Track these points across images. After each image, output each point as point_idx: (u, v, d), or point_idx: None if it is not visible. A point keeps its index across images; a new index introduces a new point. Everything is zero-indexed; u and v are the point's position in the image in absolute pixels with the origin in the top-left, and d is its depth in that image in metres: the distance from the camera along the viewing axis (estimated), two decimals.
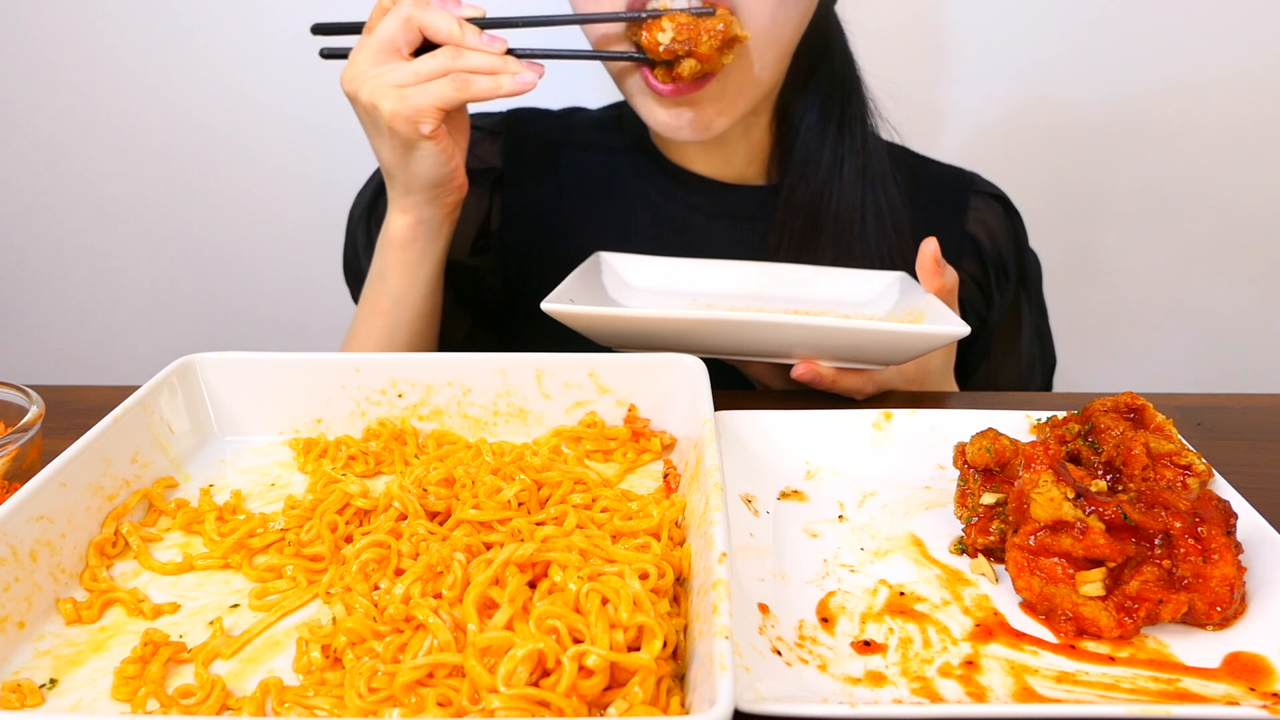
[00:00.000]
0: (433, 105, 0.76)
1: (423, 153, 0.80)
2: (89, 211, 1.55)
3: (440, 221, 0.87)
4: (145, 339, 1.64)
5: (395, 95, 0.76)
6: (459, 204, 0.87)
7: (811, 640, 0.49)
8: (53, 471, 0.54)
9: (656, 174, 1.02)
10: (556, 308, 0.70)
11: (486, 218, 1.04)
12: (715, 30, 0.78)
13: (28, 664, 0.48)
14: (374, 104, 0.77)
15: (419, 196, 0.84)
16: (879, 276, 0.89)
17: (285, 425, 0.70)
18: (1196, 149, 1.44)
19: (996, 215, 1.04)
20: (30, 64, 1.46)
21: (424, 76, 0.76)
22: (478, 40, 0.77)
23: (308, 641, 0.48)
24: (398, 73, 0.77)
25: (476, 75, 0.76)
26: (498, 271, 1.05)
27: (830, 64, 0.99)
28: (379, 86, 0.77)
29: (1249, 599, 0.51)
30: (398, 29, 0.77)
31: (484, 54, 0.76)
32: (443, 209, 0.86)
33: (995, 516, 0.56)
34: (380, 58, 0.78)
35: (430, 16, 0.77)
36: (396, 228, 0.86)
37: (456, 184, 0.85)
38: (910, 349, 0.70)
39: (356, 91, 0.78)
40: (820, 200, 0.96)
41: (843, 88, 0.99)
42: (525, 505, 0.57)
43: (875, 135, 1.01)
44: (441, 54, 0.76)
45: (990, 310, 1.01)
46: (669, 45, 0.79)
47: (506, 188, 1.04)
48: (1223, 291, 1.53)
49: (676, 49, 0.79)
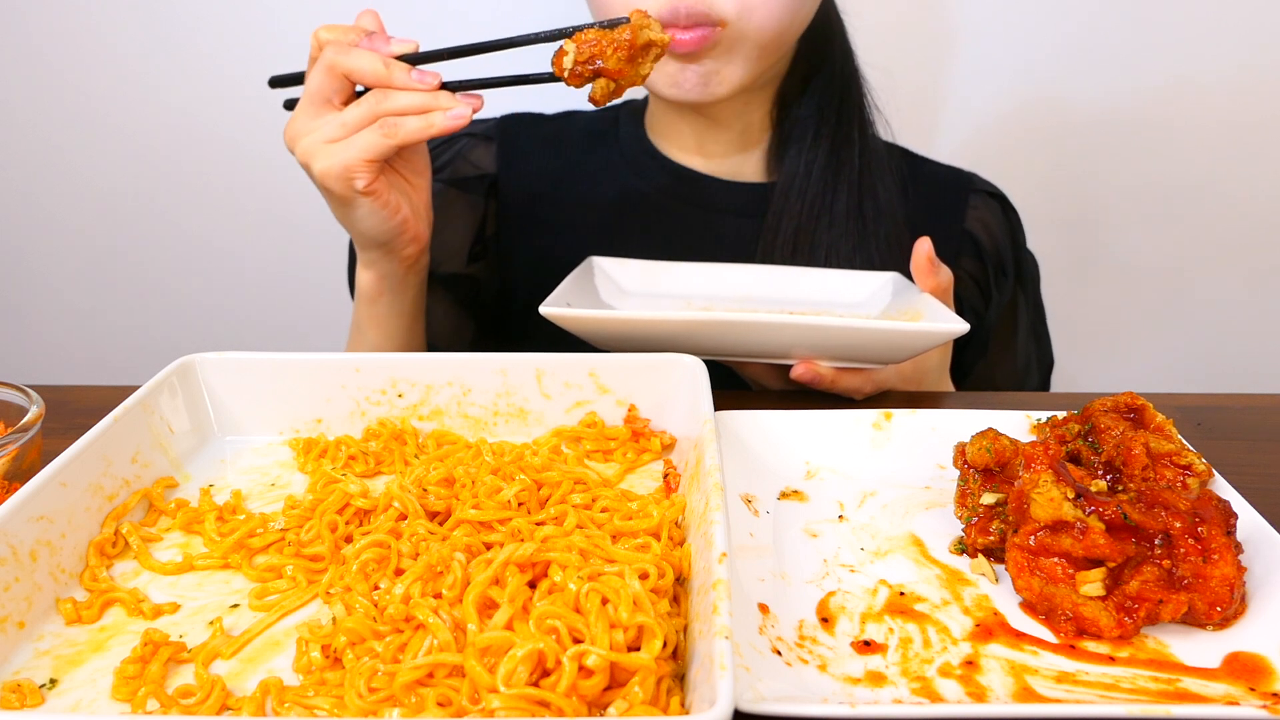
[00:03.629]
0: (361, 159, 0.72)
1: (362, 210, 0.76)
2: (89, 211, 1.55)
3: (402, 276, 0.84)
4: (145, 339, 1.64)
5: (324, 152, 0.73)
6: (419, 256, 0.84)
7: (811, 640, 0.49)
8: (53, 471, 0.54)
9: (655, 172, 1.02)
10: (555, 311, 0.70)
11: (482, 224, 1.04)
12: (621, 41, 0.71)
13: (28, 664, 0.48)
14: (306, 164, 0.74)
15: (374, 253, 0.81)
16: (873, 277, 0.89)
17: (285, 425, 0.70)
18: (1197, 148, 1.44)
19: (995, 214, 1.04)
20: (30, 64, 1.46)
21: (351, 128, 0.72)
22: (406, 78, 0.72)
23: (308, 641, 0.48)
24: (327, 126, 0.73)
25: (405, 117, 0.72)
26: (495, 278, 1.05)
27: (830, 60, 0.99)
28: (311, 145, 0.73)
29: (1249, 599, 0.51)
30: (323, 80, 0.73)
31: (413, 93, 0.72)
32: (402, 264, 0.83)
33: (995, 516, 0.56)
34: (312, 112, 0.74)
35: (353, 60, 0.72)
36: (363, 282, 0.84)
37: (409, 237, 0.80)
38: (909, 347, 0.70)
39: (293, 149, 0.75)
40: (817, 198, 0.96)
41: (842, 84, 0.99)
42: (525, 505, 0.57)
43: (873, 133, 1.01)
44: (367, 99, 0.72)
45: (988, 309, 1.01)
46: (573, 69, 0.72)
47: (502, 192, 1.04)
48: (1223, 291, 1.53)
49: (583, 71, 0.72)
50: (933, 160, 1.08)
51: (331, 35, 0.74)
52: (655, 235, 1.00)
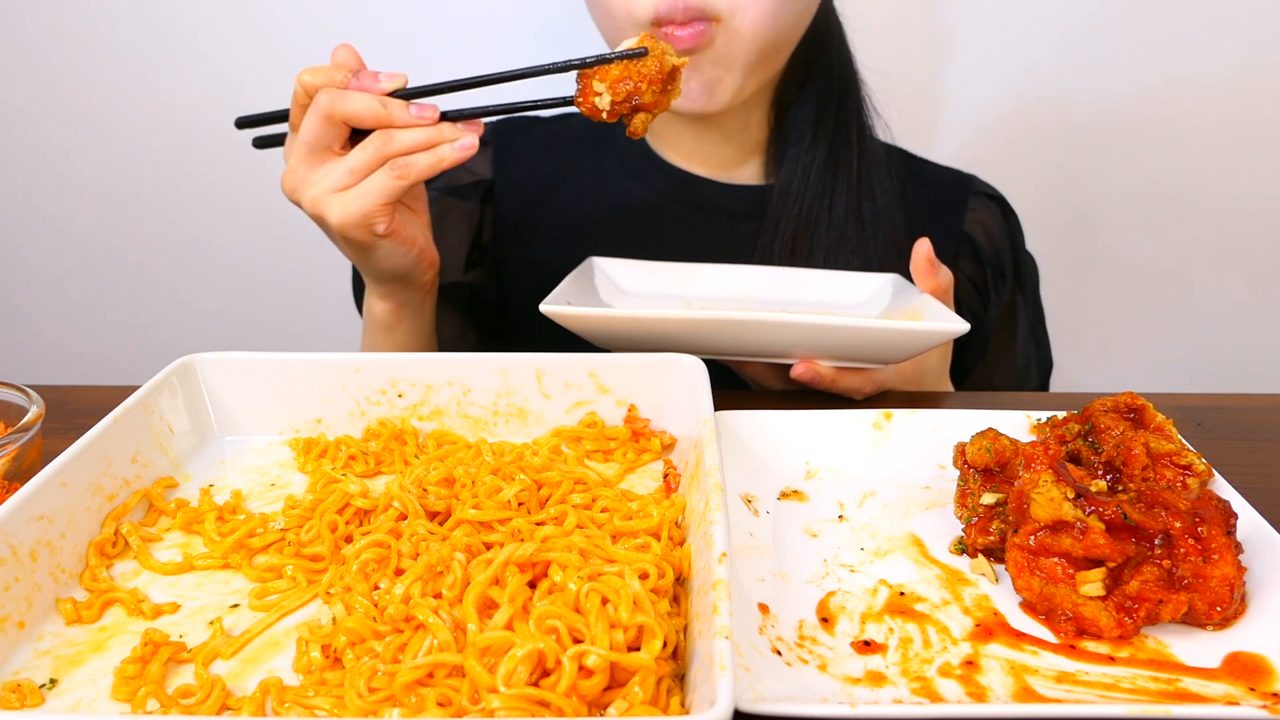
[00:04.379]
0: (378, 204, 0.71)
1: (383, 251, 0.75)
2: (89, 211, 1.55)
3: (421, 300, 0.84)
4: (145, 339, 1.64)
5: (338, 203, 0.72)
6: (435, 278, 0.84)
7: (811, 640, 0.49)
8: (53, 471, 0.54)
9: (651, 174, 1.02)
10: (555, 309, 0.70)
11: (478, 231, 1.03)
12: (653, 74, 0.70)
13: (28, 664, 0.48)
14: (319, 215, 0.73)
15: (392, 285, 0.81)
16: (873, 279, 0.89)
17: (285, 425, 0.70)
18: (1196, 148, 1.44)
19: (994, 216, 1.04)
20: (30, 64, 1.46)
21: (361, 173, 0.71)
22: (407, 115, 0.70)
23: (308, 641, 0.48)
24: (333, 175, 0.72)
25: (414, 155, 0.71)
26: (493, 284, 1.04)
27: (828, 62, 0.99)
28: (320, 196, 0.72)
29: (1249, 599, 0.51)
30: (321, 129, 0.71)
31: (417, 128, 0.71)
32: (421, 289, 0.83)
33: (995, 516, 0.56)
34: (312, 160, 0.72)
35: (351, 105, 0.70)
36: (379, 312, 0.84)
37: (427, 263, 0.81)
38: (910, 346, 0.70)
39: (299, 200, 0.74)
40: (815, 199, 0.96)
41: (840, 87, 0.99)
42: (525, 505, 0.57)
43: (871, 134, 1.01)
44: (373, 142, 0.71)
45: (987, 311, 1.01)
46: (611, 109, 0.71)
47: (498, 197, 1.04)
48: (1223, 291, 1.53)
49: (621, 109, 0.71)
50: (932, 162, 1.08)
51: (317, 79, 0.72)
52: (653, 238, 1.00)
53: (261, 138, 0.81)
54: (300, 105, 0.73)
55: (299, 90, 0.73)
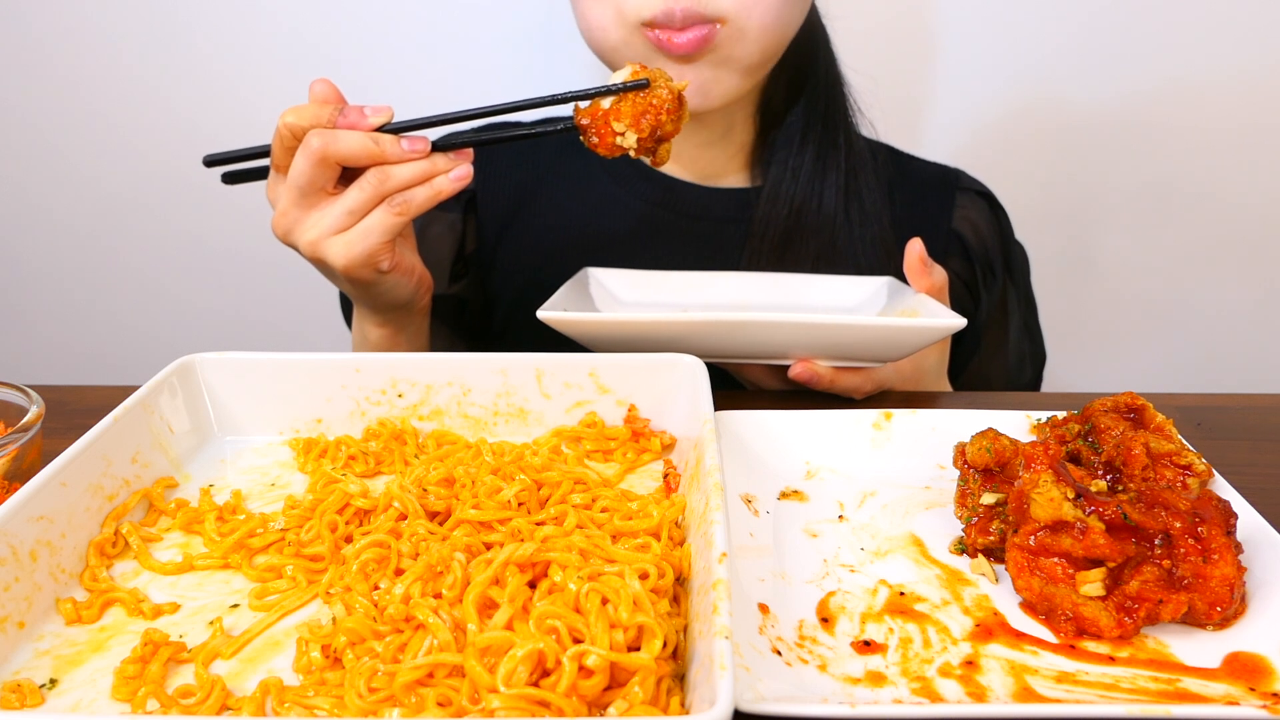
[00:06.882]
0: (381, 242, 0.71)
1: (386, 284, 0.76)
2: (89, 211, 1.55)
3: (420, 323, 0.84)
4: (145, 339, 1.64)
5: (339, 245, 0.71)
6: (430, 297, 0.84)
7: (811, 640, 0.49)
8: (53, 471, 0.54)
9: (635, 178, 1.01)
10: (553, 315, 0.70)
11: (461, 242, 1.03)
12: (670, 105, 0.71)
13: (28, 664, 0.48)
14: (319, 259, 0.73)
15: (392, 314, 0.82)
16: (867, 282, 0.89)
17: (285, 425, 0.70)
18: (1195, 148, 1.44)
19: (982, 213, 1.04)
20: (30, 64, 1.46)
21: (359, 213, 0.71)
22: (400, 151, 0.70)
23: (308, 641, 0.48)
24: (329, 216, 0.71)
25: (411, 190, 0.71)
26: (479, 294, 1.04)
27: (814, 65, 0.98)
28: (318, 240, 0.72)
29: (1249, 599, 0.51)
30: (313, 171, 0.70)
31: (411, 163, 0.71)
32: (419, 312, 0.83)
33: (995, 516, 0.56)
34: (304, 203, 0.72)
35: (344, 146, 0.69)
36: (375, 338, 0.84)
37: (425, 288, 0.81)
38: (907, 343, 0.71)
39: (295, 243, 0.73)
40: (802, 201, 0.96)
41: (826, 89, 0.98)
42: (525, 505, 0.57)
43: (858, 134, 1.01)
44: (369, 181, 0.70)
45: (978, 309, 1.01)
46: (638, 146, 0.71)
47: (481, 206, 1.03)
48: (1223, 291, 1.53)
49: (648, 145, 0.72)
50: (919, 158, 1.07)
51: (302, 119, 0.71)
52: (638, 242, 0.99)
53: (231, 173, 0.79)
54: (287, 147, 0.72)
55: (284, 132, 0.71)
